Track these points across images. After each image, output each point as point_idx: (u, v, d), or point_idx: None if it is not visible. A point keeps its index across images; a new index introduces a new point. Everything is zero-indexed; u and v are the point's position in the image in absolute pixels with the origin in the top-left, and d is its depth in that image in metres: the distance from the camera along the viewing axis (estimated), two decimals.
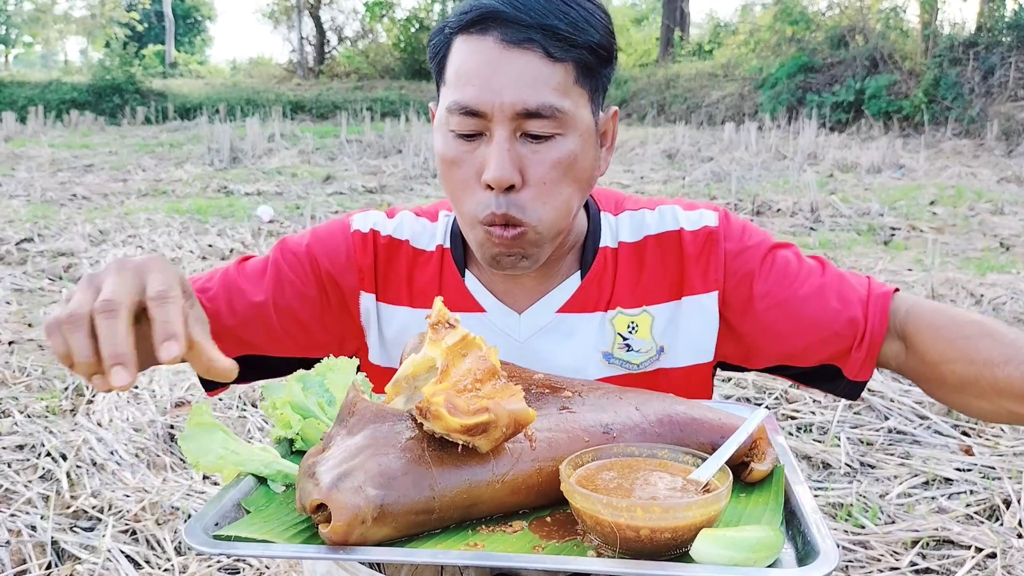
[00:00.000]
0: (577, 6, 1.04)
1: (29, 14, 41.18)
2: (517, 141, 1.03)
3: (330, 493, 0.76)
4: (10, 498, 2.48)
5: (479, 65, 1.02)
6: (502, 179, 1.02)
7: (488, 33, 1.03)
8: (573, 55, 1.03)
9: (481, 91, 1.02)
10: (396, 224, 1.24)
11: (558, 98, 1.02)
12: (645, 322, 1.20)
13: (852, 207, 7.55)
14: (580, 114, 1.05)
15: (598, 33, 1.05)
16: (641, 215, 1.23)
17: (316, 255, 1.22)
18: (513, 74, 1.01)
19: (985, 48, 15.48)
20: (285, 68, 33.06)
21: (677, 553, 0.77)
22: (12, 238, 6.10)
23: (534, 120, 1.02)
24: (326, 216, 7.22)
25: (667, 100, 20.06)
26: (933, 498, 2.52)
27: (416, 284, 1.23)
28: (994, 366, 1.01)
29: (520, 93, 1.01)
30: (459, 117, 1.04)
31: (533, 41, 1.01)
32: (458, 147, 1.06)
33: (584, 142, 1.07)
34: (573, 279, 1.20)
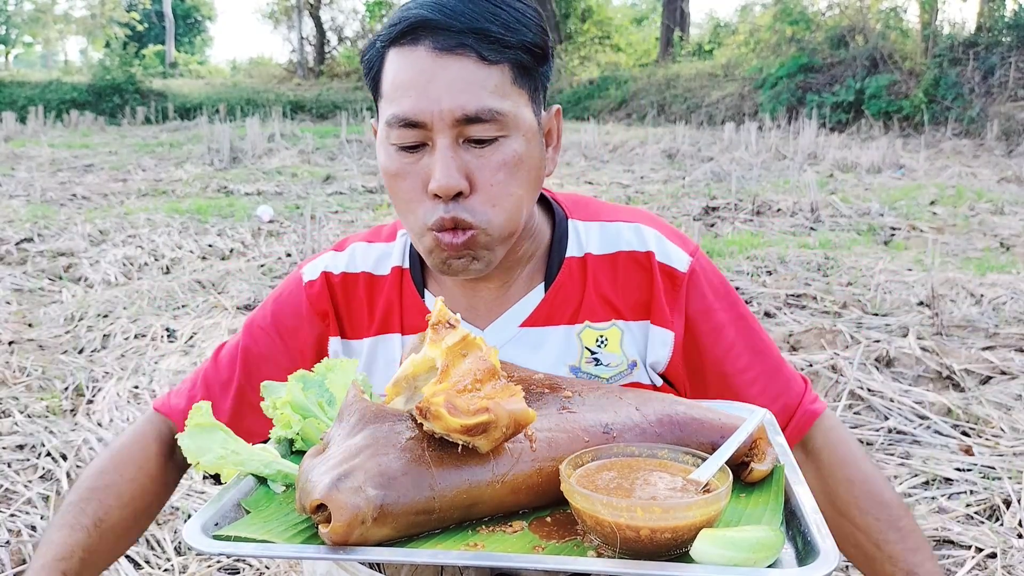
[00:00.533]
0: (507, 7, 1.03)
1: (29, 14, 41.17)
2: (460, 148, 1.02)
3: (330, 493, 0.76)
4: (10, 498, 2.48)
5: (414, 75, 1.01)
6: (449, 187, 1.01)
7: (419, 43, 1.02)
8: (508, 56, 1.02)
9: (418, 101, 1.00)
10: (347, 259, 1.24)
11: (497, 100, 1.01)
12: (615, 336, 1.18)
13: (852, 207, 7.55)
14: (521, 114, 1.04)
15: (531, 32, 1.04)
16: (616, 228, 1.21)
17: (280, 322, 1.23)
18: (448, 80, 1.00)
19: (985, 48, 15.47)
20: (285, 68, 33.06)
21: (677, 553, 0.77)
22: (12, 238, 6.10)
23: (475, 125, 1.01)
24: (326, 216, 7.22)
25: (667, 100, 20.05)
26: (933, 498, 2.52)
27: (377, 311, 1.22)
28: (870, 542, 1.11)
29: (457, 99, 1.00)
30: (399, 130, 1.02)
31: (466, 46, 1.00)
32: (401, 160, 1.04)
33: (528, 142, 1.06)
34: (536, 291, 1.19)
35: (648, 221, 1.23)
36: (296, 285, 1.25)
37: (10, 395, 3.20)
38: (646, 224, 1.22)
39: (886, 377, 3.34)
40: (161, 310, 4.40)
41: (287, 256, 5.58)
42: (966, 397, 3.17)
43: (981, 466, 2.66)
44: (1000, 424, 2.92)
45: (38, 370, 3.48)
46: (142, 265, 5.46)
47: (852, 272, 5.11)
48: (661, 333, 1.18)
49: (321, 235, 6.02)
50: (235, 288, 4.79)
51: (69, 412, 3.13)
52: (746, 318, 1.22)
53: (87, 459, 2.69)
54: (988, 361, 3.46)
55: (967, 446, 2.81)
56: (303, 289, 1.23)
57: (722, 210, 7.58)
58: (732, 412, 1.03)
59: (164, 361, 3.60)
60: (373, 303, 1.22)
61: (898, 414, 3.04)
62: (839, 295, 4.54)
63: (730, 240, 6.23)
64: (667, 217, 7.33)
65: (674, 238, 1.22)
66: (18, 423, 2.95)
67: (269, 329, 1.23)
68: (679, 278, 1.18)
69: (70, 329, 4.09)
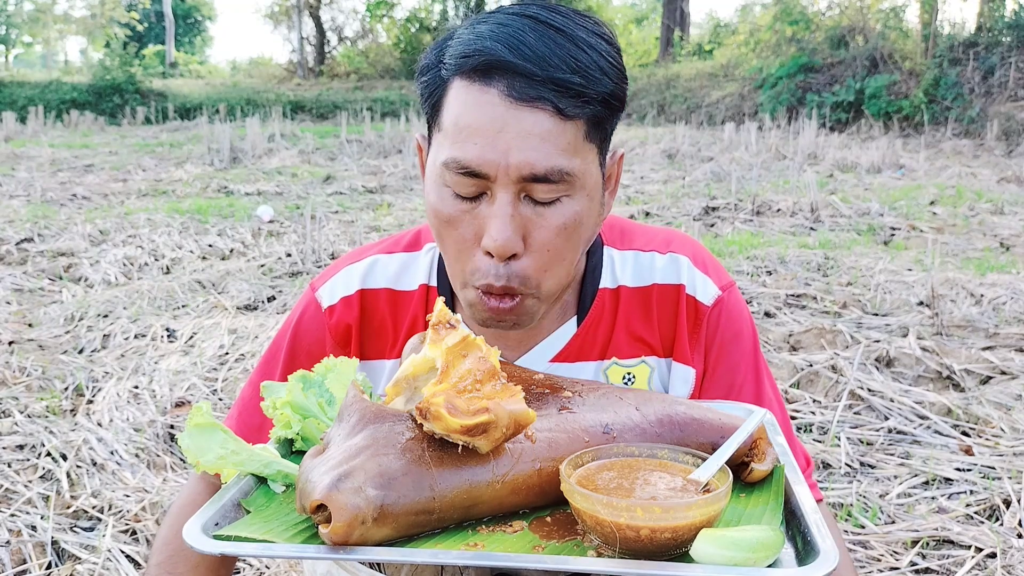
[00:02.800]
0: (588, 49, 0.93)
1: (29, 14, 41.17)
2: (521, 203, 0.95)
3: (330, 494, 0.76)
4: (10, 498, 2.48)
5: (483, 121, 0.92)
6: (505, 248, 0.94)
7: (492, 84, 0.92)
8: (587, 111, 0.93)
9: (484, 151, 0.92)
10: (366, 273, 1.17)
11: (568, 159, 0.93)
12: (643, 373, 1.15)
13: (852, 207, 7.55)
14: (589, 171, 0.97)
15: (611, 81, 0.95)
16: (651, 259, 1.16)
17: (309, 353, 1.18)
18: (521, 134, 0.91)
19: (985, 48, 15.48)
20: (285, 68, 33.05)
21: (677, 553, 0.77)
22: (12, 238, 6.10)
23: (541, 184, 0.93)
24: (326, 216, 7.22)
25: (667, 100, 20.05)
26: (933, 498, 2.52)
27: (401, 330, 1.17)
28: None
29: (528, 156, 0.91)
30: (458, 176, 0.94)
31: (544, 99, 0.91)
32: (456, 206, 0.97)
33: (591, 200, 0.99)
34: (569, 325, 1.14)
35: (683, 249, 1.18)
36: (315, 312, 1.19)
37: (10, 395, 3.20)
38: (681, 252, 1.17)
39: (886, 377, 3.34)
40: (161, 310, 4.40)
41: (287, 256, 5.58)
42: (966, 397, 3.17)
43: (981, 466, 2.66)
44: (1000, 424, 2.92)
45: (38, 370, 3.48)
46: (142, 265, 5.46)
47: (852, 272, 5.11)
48: (683, 370, 1.15)
49: (321, 235, 6.02)
50: (235, 288, 4.79)
51: (69, 412, 3.13)
52: (759, 370, 1.18)
53: (87, 459, 2.69)
54: (988, 361, 3.46)
55: (967, 446, 2.80)
56: (323, 316, 1.18)
57: (722, 210, 7.57)
58: (732, 412, 1.03)
59: (164, 361, 3.60)
60: (398, 322, 1.17)
61: (898, 414, 3.03)
62: (839, 295, 4.54)
63: (730, 240, 6.23)
64: (667, 217, 7.33)
65: (708, 270, 1.17)
66: (18, 423, 2.95)
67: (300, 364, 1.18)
68: (702, 312, 1.15)
69: (70, 329, 4.09)
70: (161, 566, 1.16)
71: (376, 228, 6.81)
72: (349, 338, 1.18)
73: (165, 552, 1.17)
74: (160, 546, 1.19)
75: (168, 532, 1.19)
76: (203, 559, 1.15)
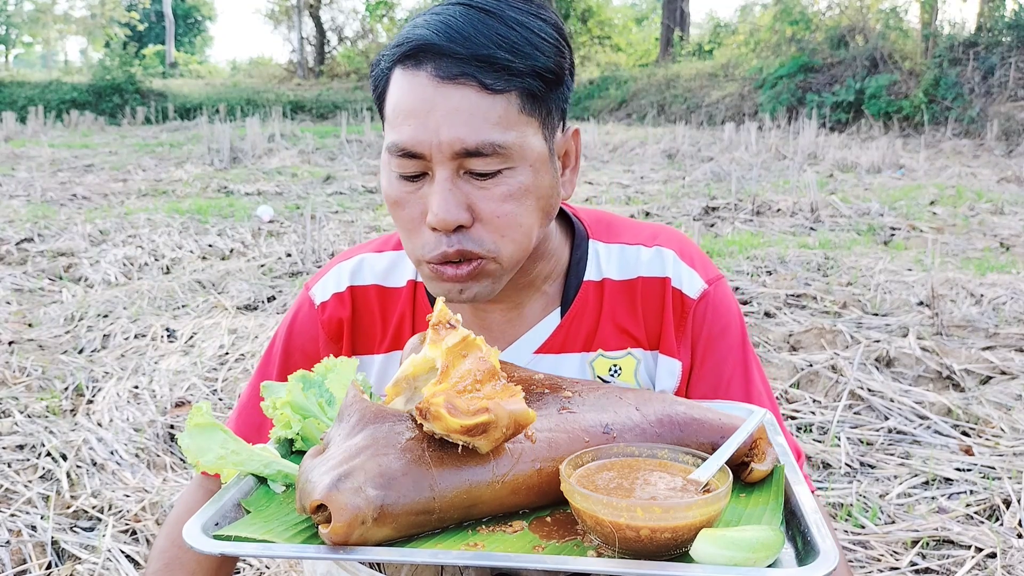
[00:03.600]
0: (520, 27, 0.96)
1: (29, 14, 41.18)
2: (461, 179, 0.97)
3: (330, 494, 0.76)
4: (10, 498, 2.48)
5: (414, 103, 0.96)
6: (447, 221, 0.96)
7: (422, 67, 0.96)
8: (515, 84, 0.96)
9: (417, 131, 0.95)
10: (355, 270, 1.20)
11: (500, 133, 0.95)
12: (629, 365, 1.15)
13: (852, 207, 7.55)
14: (528, 143, 0.98)
15: (544, 56, 0.97)
16: (636, 252, 1.17)
17: (303, 352, 1.21)
18: (448, 111, 0.94)
19: (985, 48, 15.48)
20: (285, 68, 33.07)
21: (677, 553, 0.77)
22: (12, 238, 6.10)
23: (476, 159, 0.95)
24: (326, 216, 7.22)
25: (667, 100, 20.06)
26: (933, 498, 2.52)
27: (390, 326, 1.19)
28: None
29: (457, 131, 0.94)
30: (399, 159, 0.98)
31: (468, 75, 0.94)
32: (402, 188, 1.00)
33: (537, 172, 1.00)
34: (552, 317, 1.15)
35: (670, 243, 1.18)
36: (308, 309, 1.22)
37: (10, 395, 3.20)
38: (668, 246, 1.18)
39: (886, 377, 3.34)
40: (161, 310, 4.40)
41: (287, 256, 5.58)
42: (966, 397, 3.17)
43: (981, 466, 2.66)
44: (1000, 424, 2.92)
45: (38, 370, 3.48)
46: (142, 265, 5.46)
47: (852, 272, 5.11)
48: (668, 363, 1.16)
49: (321, 235, 6.02)
50: (235, 288, 4.79)
51: (69, 412, 3.13)
52: (749, 363, 1.18)
53: (87, 459, 2.69)
54: (988, 361, 3.46)
55: (967, 446, 2.80)
56: (316, 313, 1.20)
57: (722, 210, 7.57)
58: (732, 412, 1.04)
59: (164, 361, 3.60)
60: (386, 317, 1.19)
61: (898, 414, 3.04)
62: (839, 295, 4.54)
63: (730, 240, 6.23)
64: (667, 217, 7.33)
65: (694, 263, 1.17)
66: (18, 423, 2.95)
67: (295, 363, 1.21)
68: (688, 305, 1.15)
69: (70, 329, 4.09)
70: (158, 574, 1.16)
71: (376, 228, 6.81)
72: (341, 333, 1.20)
73: (162, 560, 1.17)
74: (157, 554, 1.18)
75: (165, 541, 1.19)
76: (200, 567, 1.15)
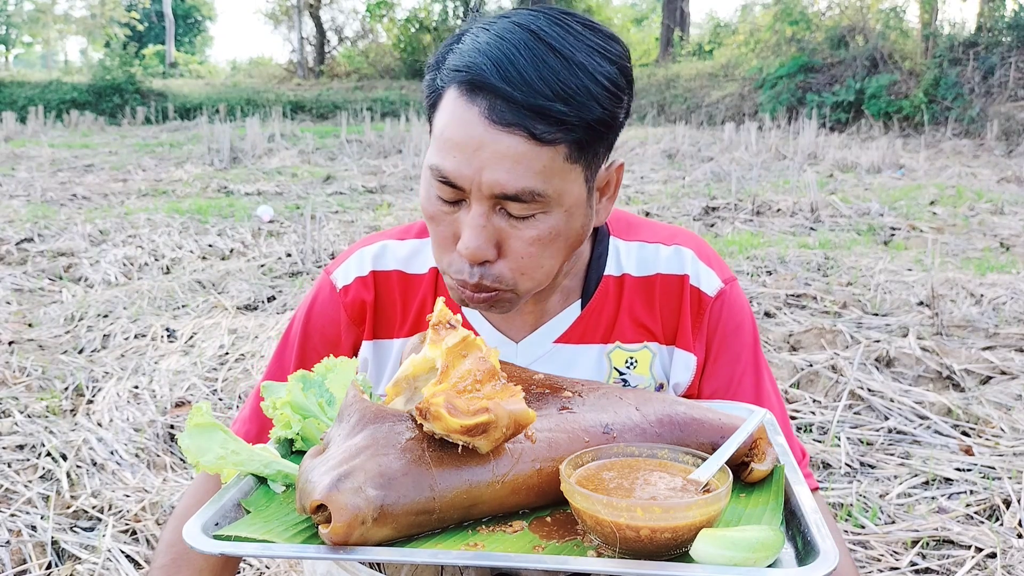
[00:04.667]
0: (581, 73, 0.94)
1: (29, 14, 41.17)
2: (495, 215, 0.99)
3: (330, 494, 0.76)
4: (10, 498, 2.48)
5: (463, 137, 0.96)
6: (475, 256, 0.99)
7: (476, 102, 0.95)
8: (566, 137, 0.95)
9: (460, 165, 0.96)
10: (377, 255, 1.22)
11: (541, 182, 0.96)
12: (645, 358, 1.18)
13: (852, 207, 7.55)
14: (567, 190, 0.99)
15: (600, 107, 0.96)
16: (655, 250, 1.20)
17: (323, 335, 1.22)
18: (495, 155, 0.94)
19: (985, 48, 15.48)
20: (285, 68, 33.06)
21: (677, 553, 0.77)
22: (12, 238, 6.10)
23: (513, 203, 0.97)
24: (326, 216, 7.22)
25: (667, 100, 20.06)
26: (933, 498, 2.52)
27: (411, 311, 1.21)
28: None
29: (499, 176, 0.95)
30: (439, 183, 0.99)
31: (520, 125, 0.93)
32: (439, 207, 1.02)
33: (570, 216, 1.01)
34: (573, 308, 1.18)
35: (688, 243, 1.22)
36: (330, 293, 1.23)
37: (10, 395, 3.19)
38: (686, 246, 1.21)
39: (886, 377, 3.34)
40: (161, 310, 4.40)
41: (287, 256, 5.58)
42: (966, 397, 3.17)
43: (981, 466, 2.66)
44: (1000, 424, 2.92)
45: (38, 370, 3.48)
46: (142, 265, 5.46)
47: (852, 272, 5.11)
48: (684, 356, 1.19)
49: (321, 235, 6.02)
50: (235, 288, 4.79)
51: (69, 412, 3.13)
52: (759, 363, 1.22)
53: (87, 459, 2.69)
54: (988, 361, 3.46)
55: (967, 446, 2.80)
56: (338, 297, 1.22)
57: (722, 210, 7.57)
58: (732, 412, 1.04)
59: (164, 361, 3.60)
60: (407, 303, 1.21)
61: (898, 414, 3.03)
62: (839, 295, 4.54)
63: (730, 240, 6.23)
64: (667, 217, 7.33)
65: (711, 263, 1.21)
66: (18, 423, 2.95)
67: (313, 346, 1.22)
68: (705, 302, 1.18)
69: (70, 329, 4.09)
70: (164, 569, 1.16)
71: (376, 228, 6.81)
72: (364, 316, 1.22)
73: (169, 555, 1.17)
74: (164, 548, 1.19)
75: (172, 535, 1.20)
76: (207, 563, 1.16)
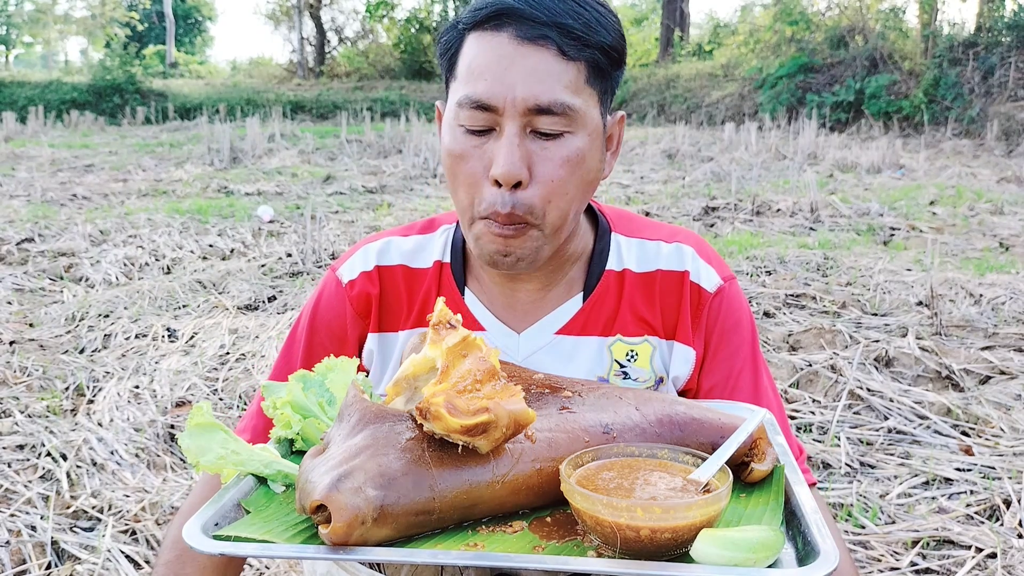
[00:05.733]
0: (590, 8, 1.05)
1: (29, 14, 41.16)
2: (527, 137, 1.04)
3: (330, 494, 0.76)
4: (10, 498, 2.48)
5: (493, 60, 1.03)
6: (511, 174, 1.02)
7: (503, 29, 1.03)
8: (586, 55, 1.03)
9: (493, 85, 1.02)
10: (381, 250, 1.25)
11: (570, 96, 1.03)
12: (646, 352, 1.20)
13: (852, 207, 7.55)
14: (590, 113, 1.06)
15: (610, 35, 1.06)
16: (656, 247, 1.23)
17: (330, 329, 1.24)
18: (527, 69, 1.01)
19: (985, 48, 15.47)
20: (285, 68, 33.06)
21: (677, 553, 0.77)
22: (12, 238, 6.10)
23: (545, 116, 1.02)
24: (326, 216, 7.22)
25: (667, 100, 20.05)
26: (933, 498, 2.52)
27: (416, 304, 1.23)
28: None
29: (532, 88, 1.01)
30: (469, 111, 1.04)
31: (548, 38, 1.02)
32: (467, 142, 1.06)
33: (592, 142, 1.07)
34: (575, 300, 1.20)
35: (688, 240, 1.24)
36: (336, 288, 1.25)
37: (10, 395, 3.19)
38: (687, 243, 1.23)
39: (886, 377, 3.34)
40: (162, 310, 4.40)
41: (287, 256, 5.58)
42: (966, 397, 3.17)
43: (981, 466, 2.66)
44: (1000, 424, 2.92)
45: (39, 370, 3.48)
46: (143, 265, 5.46)
47: (851, 272, 5.11)
48: (683, 350, 1.20)
49: (321, 235, 6.02)
50: (236, 288, 4.79)
51: (69, 412, 3.13)
52: (757, 361, 1.23)
53: (87, 459, 2.69)
54: (988, 361, 3.46)
55: (967, 446, 2.80)
56: (344, 291, 1.24)
57: (722, 210, 7.57)
58: (732, 412, 1.04)
59: (165, 361, 3.60)
60: (412, 296, 1.23)
61: (898, 414, 3.03)
62: (839, 295, 4.54)
63: (730, 240, 6.23)
64: (667, 217, 7.33)
65: (711, 260, 1.23)
66: (18, 423, 2.95)
67: (320, 341, 1.24)
68: (705, 298, 1.20)
69: (71, 329, 4.09)
70: (169, 565, 1.17)
71: (376, 228, 6.81)
72: (369, 309, 1.23)
73: (173, 552, 1.18)
74: (169, 545, 1.20)
75: (177, 532, 1.21)
76: (211, 561, 1.17)
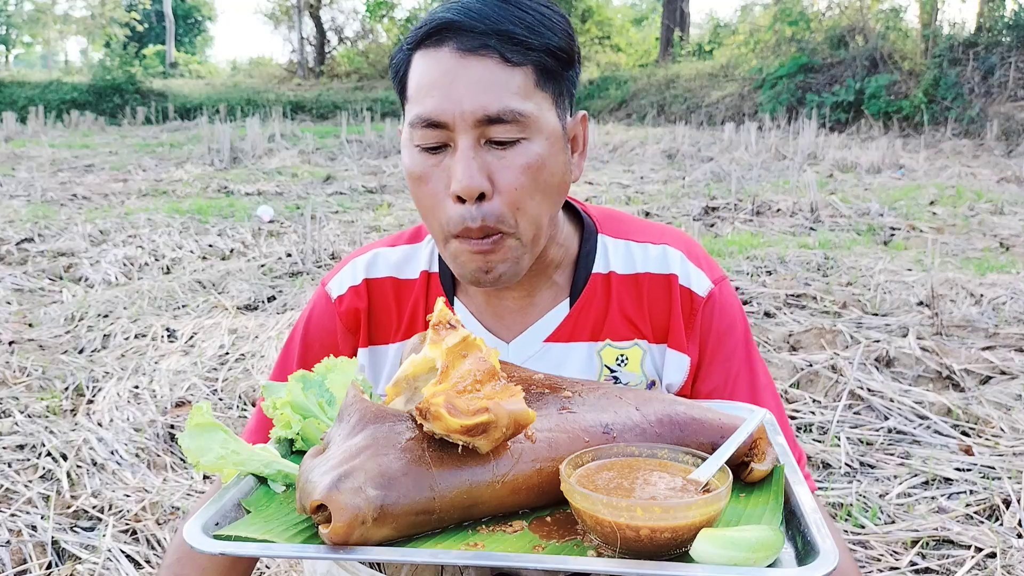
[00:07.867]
0: (532, 11, 1.03)
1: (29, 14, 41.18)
2: (482, 149, 1.02)
3: (330, 494, 0.76)
4: (10, 498, 2.48)
5: (437, 76, 1.01)
6: (470, 188, 1.00)
7: (444, 44, 1.02)
8: (532, 58, 1.02)
9: (441, 101, 1.00)
10: (369, 264, 1.24)
11: (519, 102, 1.01)
12: (636, 356, 1.18)
13: (852, 207, 7.55)
14: (545, 117, 1.04)
15: (556, 36, 1.04)
16: (643, 248, 1.21)
17: (322, 344, 1.24)
18: (471, 81, 1.00)
19: (985, 48, 15.48)
20: (285, 68, 33.06)
21: (677, 553, 0.77)
22: (12, 238, 6.10)
23: (497, 126, 1.00)
24: (326, 216, 7.22)
25: (667, 100, 20.05)
26: (933, 498, 2.52)
27: (405, 315, 1.22)
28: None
29: (479, 99, 0.99)
30: (422, 130, 1.02)
31: (489, 47, 1.00)
32: (425, 162, 1.04)
33: (552, 146, 1.05)
34: (562, 307, 1.19)
35: (677, 243, 1.22)
36: (325, 303, 1.25)
37: (10, 395, 3.20)
38: (674, 246, 1.21)
39: (886, 377, 3.34)
40: (161, 310, 4.40)
41: (287, 256, 5.58)
42: (966, 397, 3.17)
43: (981, 466, 2.66)
44: (1000, 424, 2.92)
45: (38, 370, 3.48)
46: (142, 265, 5.46)
47: (852, 272, 5.11)
48: (677, 357, 1.19)
49: (321, 235, 6.02)
50: (235, 288, 4.79)
51: (69, 412, 3.13)
52: (753, 363, 1.22)
53: (87, 459, 2.69)
54: (988, 361, 3.46)
55: (967, 446, 2.80)
56: (333, 307, 1.24)
57: (722, 210, 7.57)
58: (732, 412, 1.04)
59: (164, 361, 3.60)
60: (401, 308, 1.22)
61: (898, 414, 3.03)
62: (839, 295, 4.54)
63: (730, 240, 6.23)
64: (667, 217, 7.33)
65: (700, 263, 1.21)
66: (18, 423, 2.95)
67: (314, 355, 1.23)
68: (697, 302, 1.18)
69: (70, 329, 4.09)
70: (170, 568, 1.17)
71: (376, 228, 6.81)
72: (358, 325, 1.23)
73: (177, 553, 1.19)
74: (174, 547, 1.21)
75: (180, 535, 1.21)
76: (211, 562, 1.17)
